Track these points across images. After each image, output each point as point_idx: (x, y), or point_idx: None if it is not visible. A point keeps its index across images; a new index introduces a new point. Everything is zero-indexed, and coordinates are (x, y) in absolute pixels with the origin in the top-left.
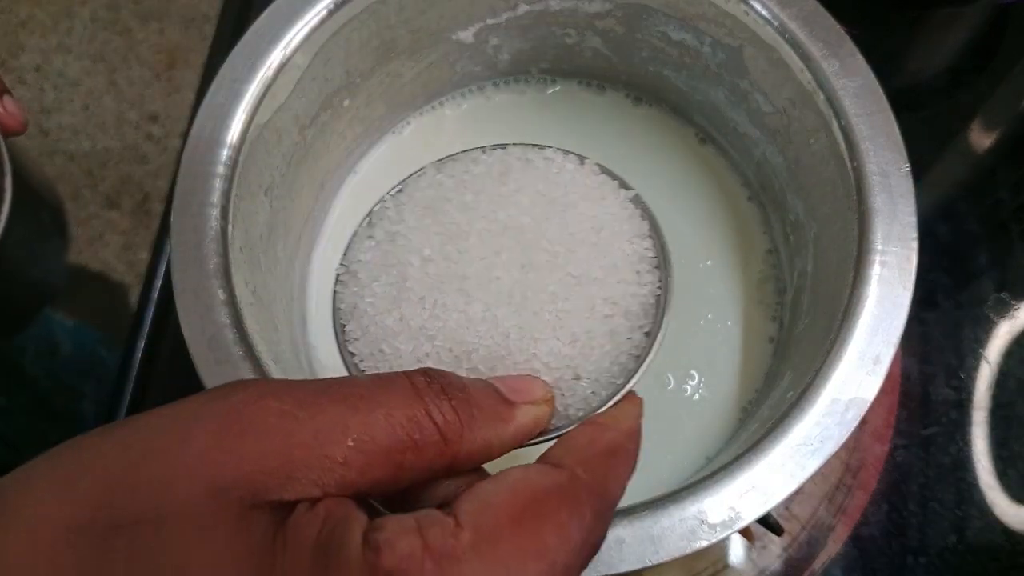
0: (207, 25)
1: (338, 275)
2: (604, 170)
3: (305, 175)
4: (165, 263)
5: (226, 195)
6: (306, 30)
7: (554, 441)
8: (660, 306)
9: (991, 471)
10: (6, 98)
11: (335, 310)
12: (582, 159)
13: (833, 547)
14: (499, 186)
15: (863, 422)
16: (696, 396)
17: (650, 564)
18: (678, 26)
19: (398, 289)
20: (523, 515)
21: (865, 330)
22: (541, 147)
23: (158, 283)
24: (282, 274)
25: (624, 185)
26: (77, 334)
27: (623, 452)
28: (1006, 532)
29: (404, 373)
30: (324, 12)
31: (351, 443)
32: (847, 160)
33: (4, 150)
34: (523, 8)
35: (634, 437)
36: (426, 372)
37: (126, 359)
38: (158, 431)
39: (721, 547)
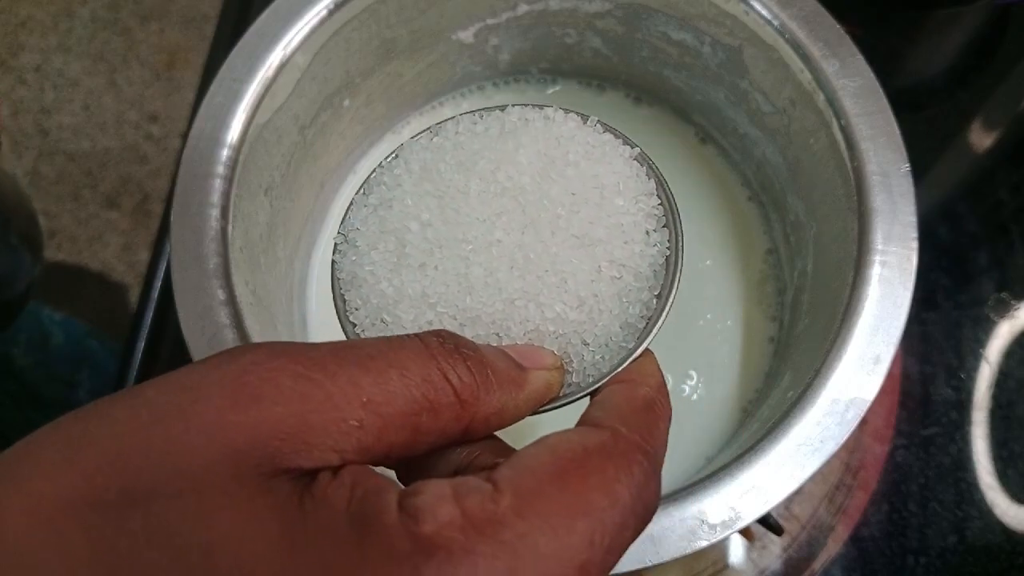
0: (207, 25)
1: (336, 244)
2: (608, 128)
3: (305, 175)
4: (165, 263)
5: (226, 195)
6: (306, 30)
7: (564, 408)
8: (671, 266)
9: (991, 471)
10: None
11: (334, 280)
12: (584, 117)
13: (833, 547)
14: (497, 145)
15: (863, 422)
16: (695, 396)
17: (650, 564)
18: (678, 26)
19: (397, 256)
20: (566, 475)
21: (865, 330)
22: (541, 107)
23: (158, 283)
24: (282, 274)
25: (628, 143)
26: (67, 325)
27: (659, 406)
28: (1006, 532)
29: (416, 334)
30: (324, 12)
31: (366, 405)
32: (847, 160)
33: None
34: (523, 8)
35: (664, 390)
36: (439, 333)
37: (126, 359)
38: (167, 395)
39: (721, 547)
